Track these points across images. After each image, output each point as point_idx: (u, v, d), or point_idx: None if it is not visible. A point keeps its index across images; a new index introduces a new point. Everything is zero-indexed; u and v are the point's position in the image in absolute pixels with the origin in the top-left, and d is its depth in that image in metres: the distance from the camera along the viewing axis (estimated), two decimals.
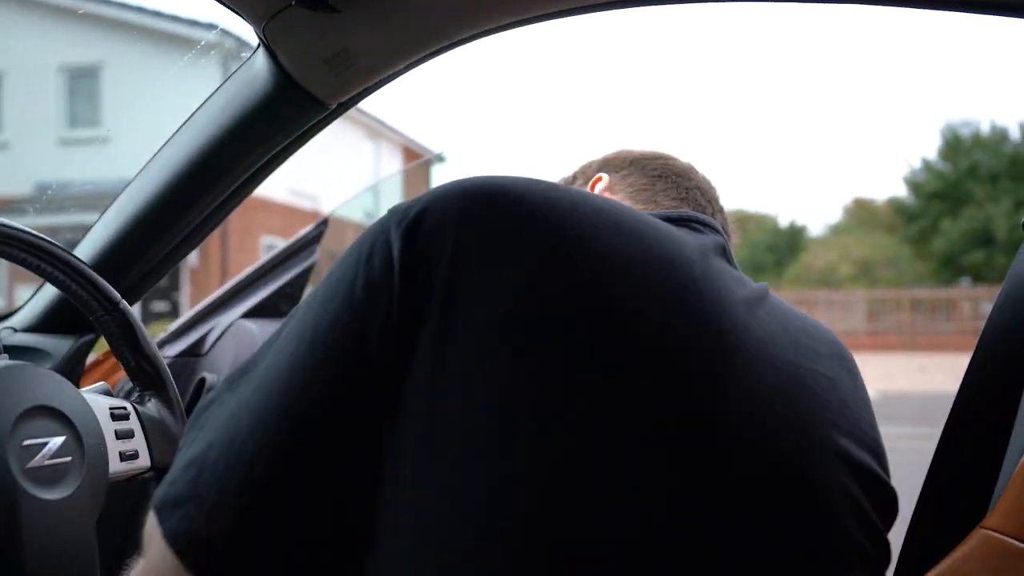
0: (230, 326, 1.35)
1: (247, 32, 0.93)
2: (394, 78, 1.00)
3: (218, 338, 1.34)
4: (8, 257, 0.75)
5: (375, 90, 1.02)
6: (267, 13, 0.87)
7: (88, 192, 11.75)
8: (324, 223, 1.50)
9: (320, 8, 0.82)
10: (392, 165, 17.24)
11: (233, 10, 0.87)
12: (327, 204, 14.60)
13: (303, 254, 1.48)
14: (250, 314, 1.40)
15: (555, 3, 0.91)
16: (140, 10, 12.77)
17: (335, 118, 1.05)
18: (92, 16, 12.82)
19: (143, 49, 12.68)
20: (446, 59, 1.00)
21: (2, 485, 0.64)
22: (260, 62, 0.97)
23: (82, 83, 13.22)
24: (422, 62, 0.98)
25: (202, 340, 1.34)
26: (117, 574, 0.76)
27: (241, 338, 1.32)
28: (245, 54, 1.00)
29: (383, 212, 0.54)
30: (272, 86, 0.98)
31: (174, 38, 12.31)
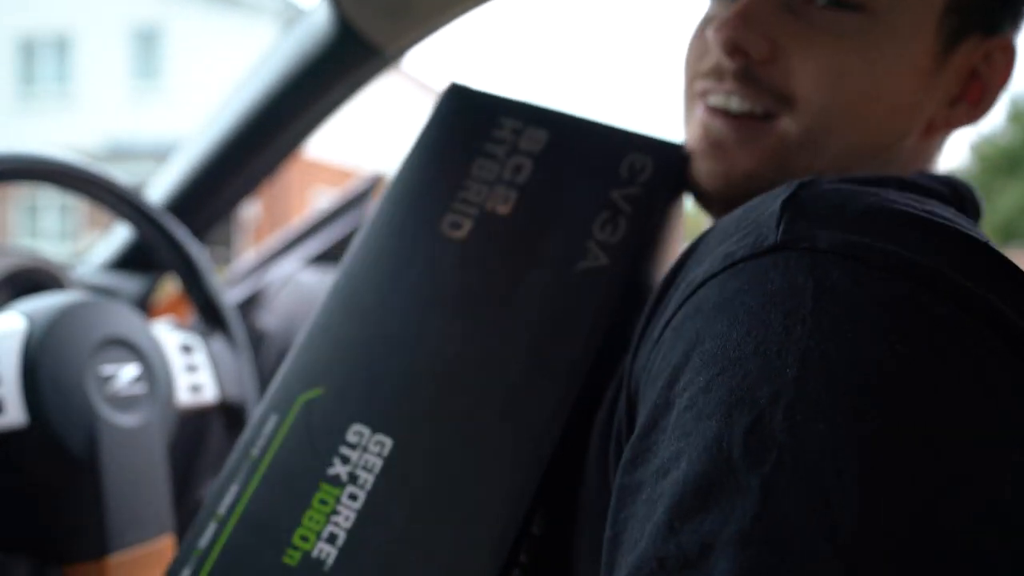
0: (287, 282, 1.35)
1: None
2: (448, 23, 0.99)
3: (276, 292, 1.34)
4: (87, 196, 0.76)
5: (428, 36, 1.01)
6: None
7: (152, 145, 11.99)
8: (376, 180, 1.46)
9: None
10: None
11: None
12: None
13: (354, 210, 1.44)
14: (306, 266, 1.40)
15: None
16: None
17: (389, 67, 1.05)
18: None
19: (204, 12, 12.77)
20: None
21: (83, 409, 0.65)
22: (320, 14, 0.97)
23: (147, 44, 13.34)
24: (475, 6, 0.96)
25: (259, 293, 1.34)
26: (183, 499, 0.79)
27: (300, 292, 1.31)
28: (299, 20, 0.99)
29: None
30: (331, 34, 0.98)
31: (229, 1, 12.39)
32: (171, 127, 12.14)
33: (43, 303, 0.69)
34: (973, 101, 0.51)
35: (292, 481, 0.44)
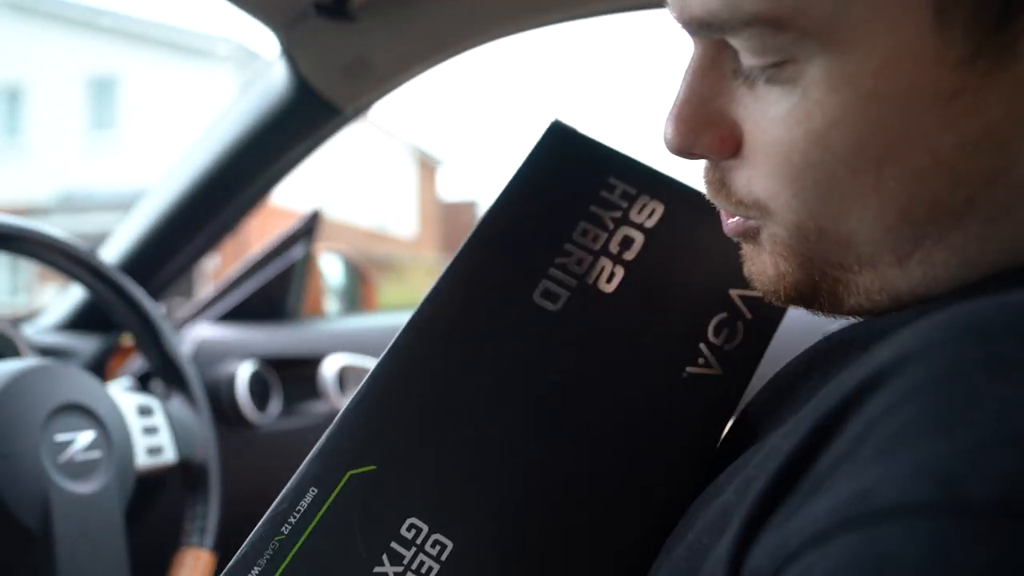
0: (197, 339, 1.25)
1: (259, 45, 0.94)
2: (406, 83, 1.01)
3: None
4: (38, 260, 0.75)
5: (387, 95, 1.02)
6: (287, 22, 0.88)
7: (107, 197, 11.85)
8: (314, 217, 1.38)
9: (338, 17, 0.83)
10: (407, 172, 17.28)
11: (256, 17, 0.87)
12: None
13: (291, 251, 1.37)
14: (228, 317, 1.33)
15: (559, 13, 0.91)
16: (157, 23, 12.81)
17: (349, 123, 1.06)
18: (113, 30, 12.91)
19: (158, 58, 12.75)
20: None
21: (36, 478, 0.64)
22: (279, 70, 0.98)
23: (102, 93, 13.26)
24: (433, 67, 0.98)
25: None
26: (141, 566, 0.77)
27: (204, 349, 1.23)
28: (253, 64, 0.99)
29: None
30: (290, 93, 0.98)
31: (189, 49, 12.40)
32: (128, 178, 12.06)
33: None
34: None
35: (328, 574, 0.37)
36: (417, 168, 17.45)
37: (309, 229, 1.38)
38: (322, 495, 0.38)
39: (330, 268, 1.67)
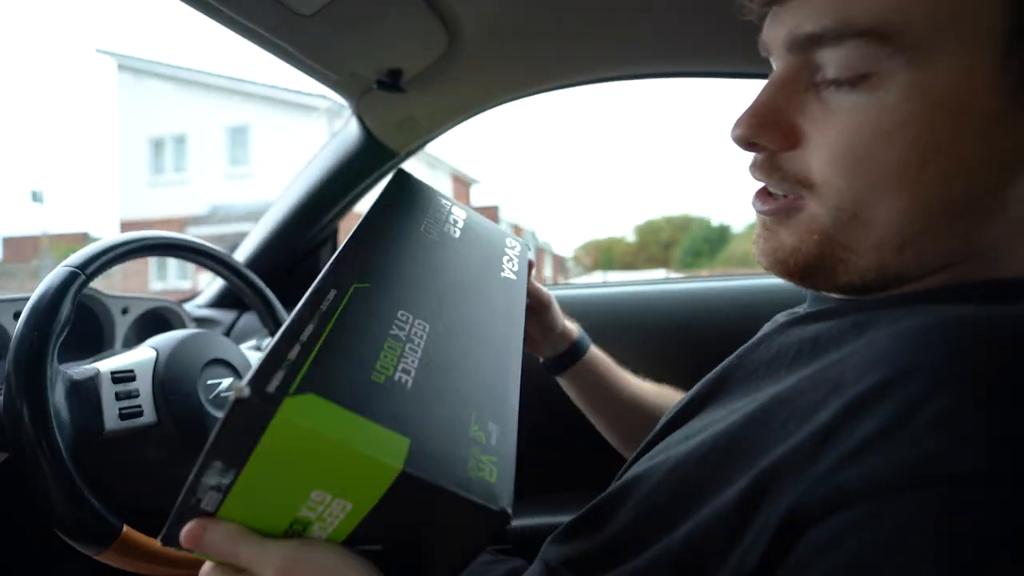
0: None
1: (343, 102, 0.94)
2: (441, 133, 1.00)
3: None
4: (193, 261, 0.76)
5: (428, 142, 1.02)
6: (358, 93, 0.88)
7: (240, 210, 11.92)
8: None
9: (393, 90, 0.83)
10: (443, 188, 17.18)
11: (338, 92, 0.87)
12: None
13: None
14: None
15: (569, 78, 0.89)
16: (274, 86, 12.79)
17: (402, 162, 1.05)
18: (242, 92, 12.92)
19: (277, 112, 12.75)
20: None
21: (197, 408, 0.65)
22: (352, 126, 0.98)
23: (238, 137, 13.30)
24: (460, 123, 0.98)
25: None
26: None
27: None
28: (343, 114, 0.99)
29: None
30: (361, 141, 0.98)
31: (297, 105, 12.37)
32: (254, 197, 12.13)
33: (166, 337, 0.69)
34: None
35: (363, 334, 0.37)
36: (452, 183, 17.33)
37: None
38: (339, 296, 0.38)
39: None
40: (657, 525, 0.34)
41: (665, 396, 0.69)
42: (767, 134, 0.36)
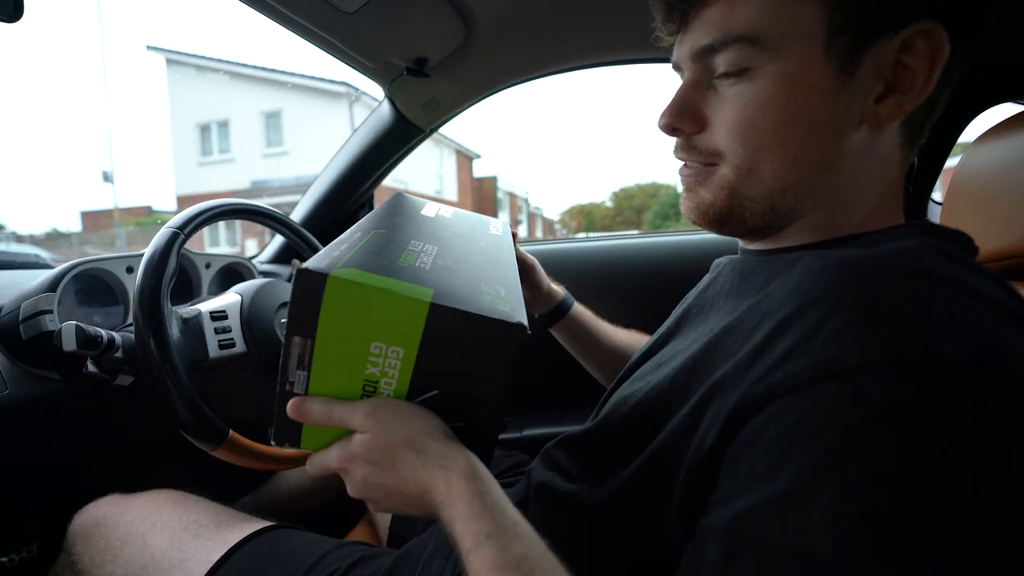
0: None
1: (366, 87, 0.91)
2: (461, 111, 0.99)
3: None
4: (261, 223, 0.77)
5: (449, 119, 1.01)
6: (390, 78, 0.87)
7: (277, 185, 11.74)
8: (399, 195, 1.29)
9: (420, 76, 0.82)
10: (449, 163, 16.86)
11: (372, 78, 0.86)
12: (412, 185, 14.42)
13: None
14: None
15: (569, 63, 0.88)
16: (302, 75, 12.35)
17: (427, 137, 1.05)
18: (275, 81, 12.51)
19: (305, 98, 12.38)
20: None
21: (275, 340, 0.67)
22: (384, 107, 0.97)
23: (272, 121, 12.94)
24: (476, 103, 0.97)
25: None
26: None
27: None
28: (365, 99, 0.97)
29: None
30: (392, 119, 0.98)
31: (322, 91, 11.99)
32: (288, 173, 11.91)
33: (247, 285, 0.71)
34: (907, 88, 0.35)
35: (386, 246, 0.40)
36: (456, 157, 17.00)
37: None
38: (364, 236, 0.41)
39: None
40: (643, 431, 0.37)
41: (633, 338, 0.74)
42: (684, 122, 0.40)
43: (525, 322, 0.34)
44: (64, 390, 0.66)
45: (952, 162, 0.70)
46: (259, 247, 1.01)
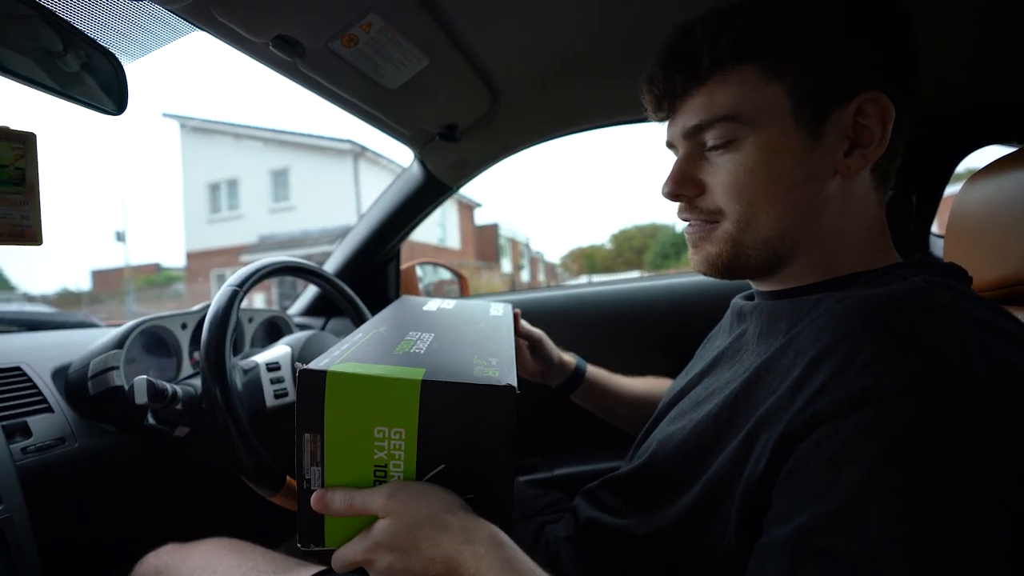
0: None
1: (369, 143, 0.95)
2: (488, 168, 1.05)
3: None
4: (305, 279, 0.80)
5: (476, 176, 1.06)
6: (422, 143, 0.93)
7: (284, 238, 11.92)
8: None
9: (450, 140, 0.89)
10: (451, 213, 17.19)
11: (406, 144, 0.92)
12: (416, 236, 14.49)
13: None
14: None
15: (583, 125, 0.95)
16: (308, 135, 12.78)
17: (453, 193, 1.10)
18: (283, 141, 12.95)
19: (310, 156, 12.75)
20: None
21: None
22: (415, 167, 1.03)
23: (280, 178, 13.32)
24: (501, 161, 1.03)
25: None
26: None
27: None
28: (369, 155, 1.00)
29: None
30: (421, 179, 1.04)
31: (326, 148, 12.38)
32: (296, 227, 12.15)
33: (296, 337, 0.75)
34: (867, 143, 0.41)
35: (383, 342, 0.43)
36: (458, 207, 17.32)
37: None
38: (363, 336, 0.45)
39: (424, 273, 1.59)
40: (692, 464, 0.40)
41: (653, 384, 0.76)
42: (685, 189, 0.46)
43: (515, 383, 0.35)
44: (122, 443, 0.69)
45: (952, 189, 0.76)
46: (266, 302, 1.05)
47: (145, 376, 0.60)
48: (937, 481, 0.25)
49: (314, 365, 0.36)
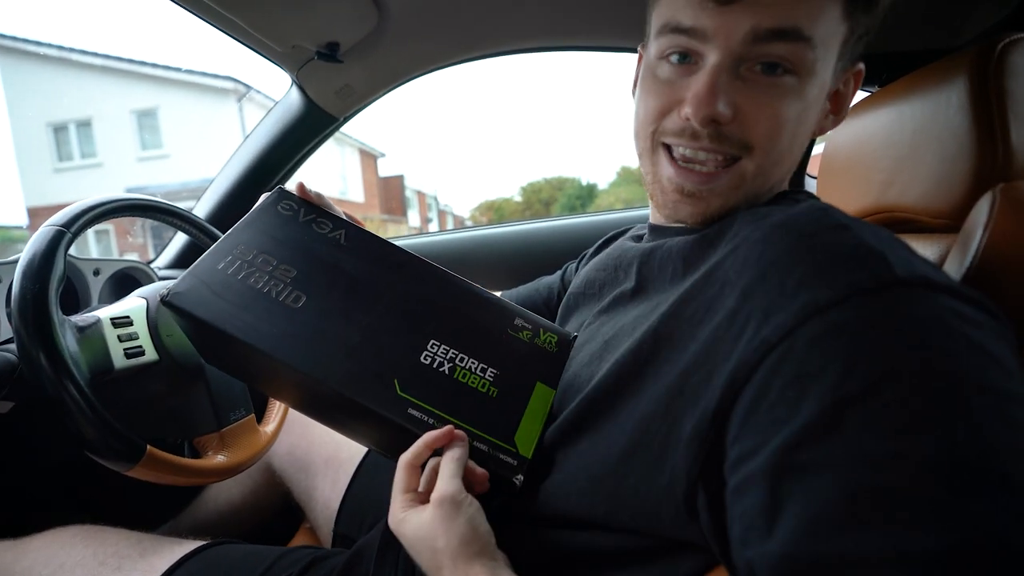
0: None
1: (256, 83, 0.86)
2: (375, 99, 0.97)
3: None
4: (161, 220, 0.70)
5: (363, 107, 0.98)
6: (298, 64, 0.83)
7: (160, 191, 10.64)
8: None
9: (332, 61, 0.80)
10: (352, 162, 16.23)
11: (278, 64, 0.81)
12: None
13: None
14: None
15: (485, 49, 0.88)
16: (179, 69, 11.21)
17: (340, 126, 1.01)
18: (145, 75, 11.27)
19: (185, 95, 11.27)
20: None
21: (190, 346, 0.61)
22: (293, 94, 0.92)
23: (147, 120, 11.64)
24: (391, 91, 0.95)
25: None
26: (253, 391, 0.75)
27: None
28: (256, 97, 0.91)
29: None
30: (301, 108, 0.93)
31: (204, 87, 11.00)
32: (172, 179, 10.82)
33: (152, 287, 0.65)
34: (835, 112, 0.43)
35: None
36: (360, 157, 16.40)
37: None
38: None
39: None
40: (611, 408, 0.37)
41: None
42: (723, 109, 0.38)
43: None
44: None
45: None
46: (142, 260, 0.92)
47: None
48: (896, 374, 0.26)
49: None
